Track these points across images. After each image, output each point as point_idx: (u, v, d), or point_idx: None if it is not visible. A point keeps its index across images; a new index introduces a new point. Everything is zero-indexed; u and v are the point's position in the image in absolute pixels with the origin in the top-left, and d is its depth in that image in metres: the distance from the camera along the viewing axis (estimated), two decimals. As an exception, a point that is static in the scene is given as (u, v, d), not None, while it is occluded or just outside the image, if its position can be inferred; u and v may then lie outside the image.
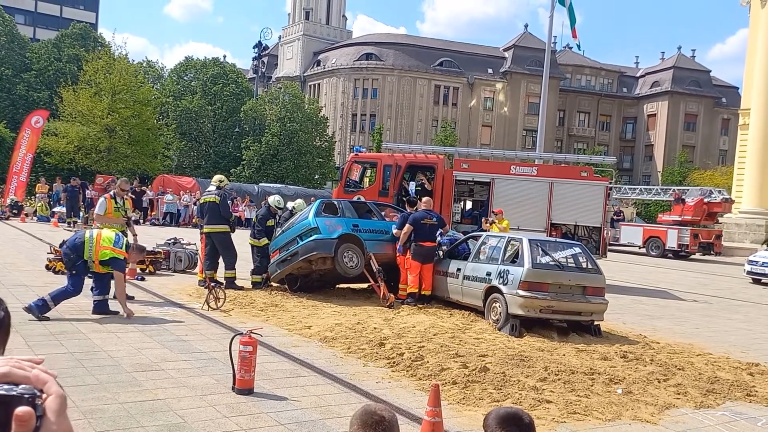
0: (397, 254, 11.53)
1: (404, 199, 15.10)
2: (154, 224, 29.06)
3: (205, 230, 12.11)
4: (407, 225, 11.29)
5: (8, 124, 41.19)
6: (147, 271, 12.99)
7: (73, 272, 8.79)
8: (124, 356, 6.91)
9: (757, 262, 21.54)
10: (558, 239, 12.33)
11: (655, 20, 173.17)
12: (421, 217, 11.40)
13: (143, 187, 32.23)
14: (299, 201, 13.71)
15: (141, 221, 29.01)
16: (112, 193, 11.24)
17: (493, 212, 15.15)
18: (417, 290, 11.21)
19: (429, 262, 11.28)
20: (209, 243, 12.05)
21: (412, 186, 16.30)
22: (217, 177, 12.88)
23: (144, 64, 56.00)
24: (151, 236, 19.01)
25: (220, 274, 12.07)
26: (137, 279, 12.16)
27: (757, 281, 21.29)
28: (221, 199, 12.09)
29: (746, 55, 42.79)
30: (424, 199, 12.54)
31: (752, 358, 9.01)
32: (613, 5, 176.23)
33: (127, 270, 11.97)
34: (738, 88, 60.37)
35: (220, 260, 12.11)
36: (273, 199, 13.03)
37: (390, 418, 2.13)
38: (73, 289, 8.78)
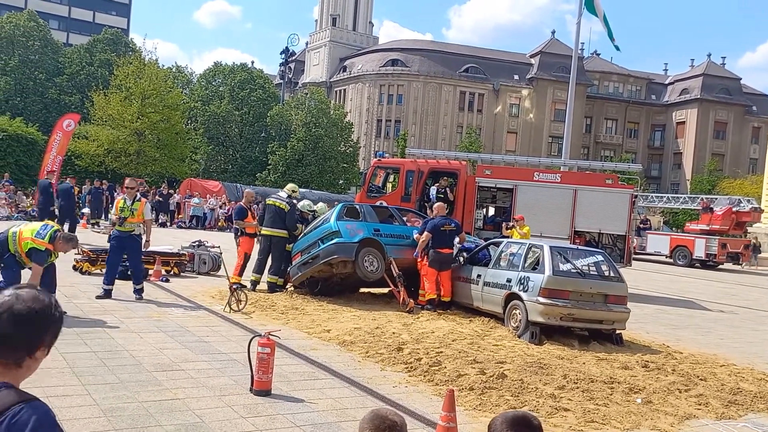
0: (417, 260, 11.53)
1: (426, 204, 15.10)
2: (181, 227, 29.59)
3: (264, 232, 12.30)
4: (426, 233, 11.27)
5: (40, 127, 41.95)
6: (171, 273, 13.18)
7: (2, 265, 8.47)
8: (145, 356, 7.03)
9: (786, 272, 21.15)
10: (579, 246, 12.23)
11: (684, 28, 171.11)
12: (441, 224, 11.38)
13: (170, 191, 32.74)
14: (321, 204, 13.80)
15: (168, 224, 29.59)
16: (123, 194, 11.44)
17: (514, 218, 15.09)
18: (435, 297, 11.19)
19: (446, 269, 11.26)
20: (266, 244, 12.24)
21: (432, 191, 16.28)
22: (290, 186, 13.06)
23: (173, 70, 56.79)
24: (177, 238, 19.32)
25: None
26: (162, 280, 12.35)
27: (786, 292, 20.89)
28: (290, 208, 12.24)
29: (778, 63, 42.05)
30: (436, 204, 12.49)
31: (777, 370, 8.86)
32: (641, 12, 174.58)
33: (152, 273, 12.29)
34: (769, 96, 59.34)
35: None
36: (302, 204, 13.15)
37: (401, 422, 2.14)
38: (5, 282, 8.36)
